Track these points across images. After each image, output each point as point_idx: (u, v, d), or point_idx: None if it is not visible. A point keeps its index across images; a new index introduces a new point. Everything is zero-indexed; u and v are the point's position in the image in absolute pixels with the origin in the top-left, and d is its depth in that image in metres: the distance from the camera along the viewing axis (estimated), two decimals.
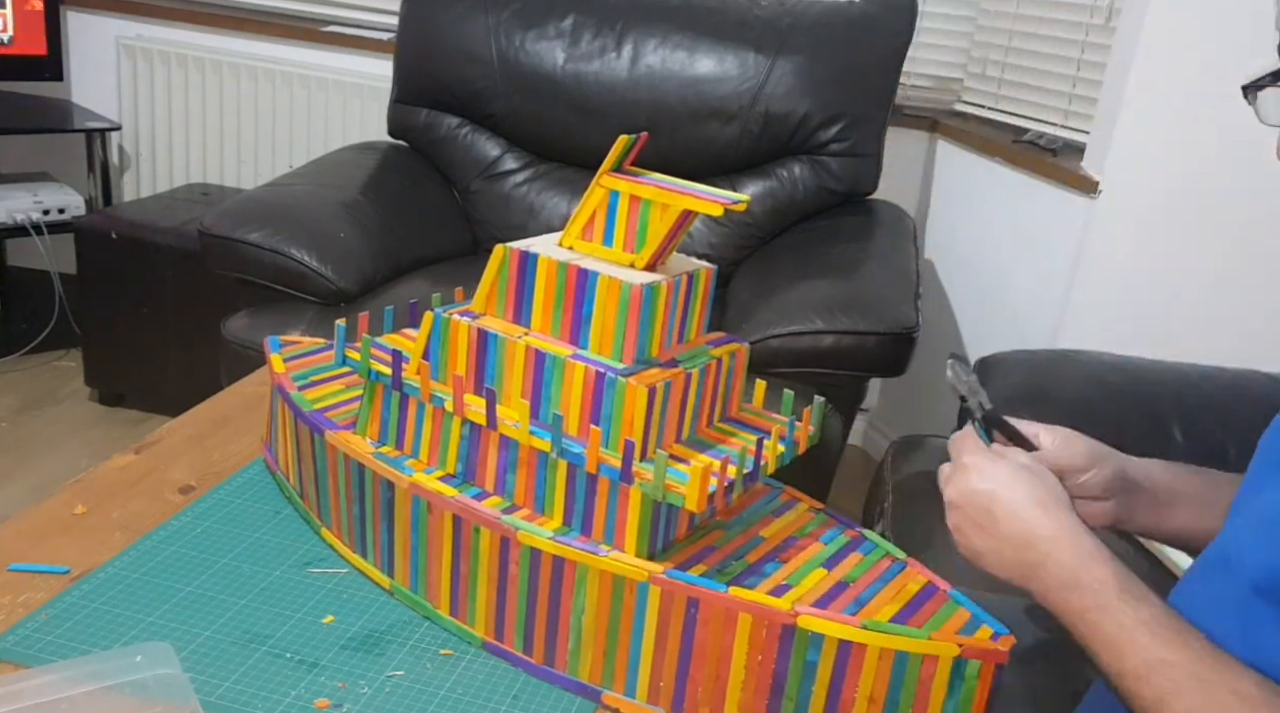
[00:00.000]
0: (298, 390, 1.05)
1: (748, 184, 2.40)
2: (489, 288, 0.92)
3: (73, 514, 1.02)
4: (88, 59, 2.99)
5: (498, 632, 0.89)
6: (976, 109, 2.56)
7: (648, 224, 0.88)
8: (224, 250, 2.05)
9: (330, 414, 1.02)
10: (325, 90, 2.83)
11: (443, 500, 0.89)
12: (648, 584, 0.82)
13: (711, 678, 0.82)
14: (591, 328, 0.88)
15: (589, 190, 0.90)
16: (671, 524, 0.88)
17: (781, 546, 0.91)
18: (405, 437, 0.96)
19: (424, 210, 2.40)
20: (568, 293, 0.88)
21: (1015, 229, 2.34)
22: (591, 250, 0.90)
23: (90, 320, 2.63)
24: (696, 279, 0.92)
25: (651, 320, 0.87)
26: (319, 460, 1.00)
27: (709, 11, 2.42)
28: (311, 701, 0.82)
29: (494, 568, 0.88)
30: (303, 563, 0.99)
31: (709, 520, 0.93)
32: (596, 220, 0.90)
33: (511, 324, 0.91)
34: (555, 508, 0.89)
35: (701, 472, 0.80)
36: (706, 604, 0.80)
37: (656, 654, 0.83)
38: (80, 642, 0.85)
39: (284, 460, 1.08)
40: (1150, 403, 1.45)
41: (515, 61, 2.43)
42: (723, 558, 0.88)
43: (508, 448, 0.90)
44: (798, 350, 1.81)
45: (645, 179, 0.89)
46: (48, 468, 2.40)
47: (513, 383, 0.90)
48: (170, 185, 2.97)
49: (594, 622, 0.85)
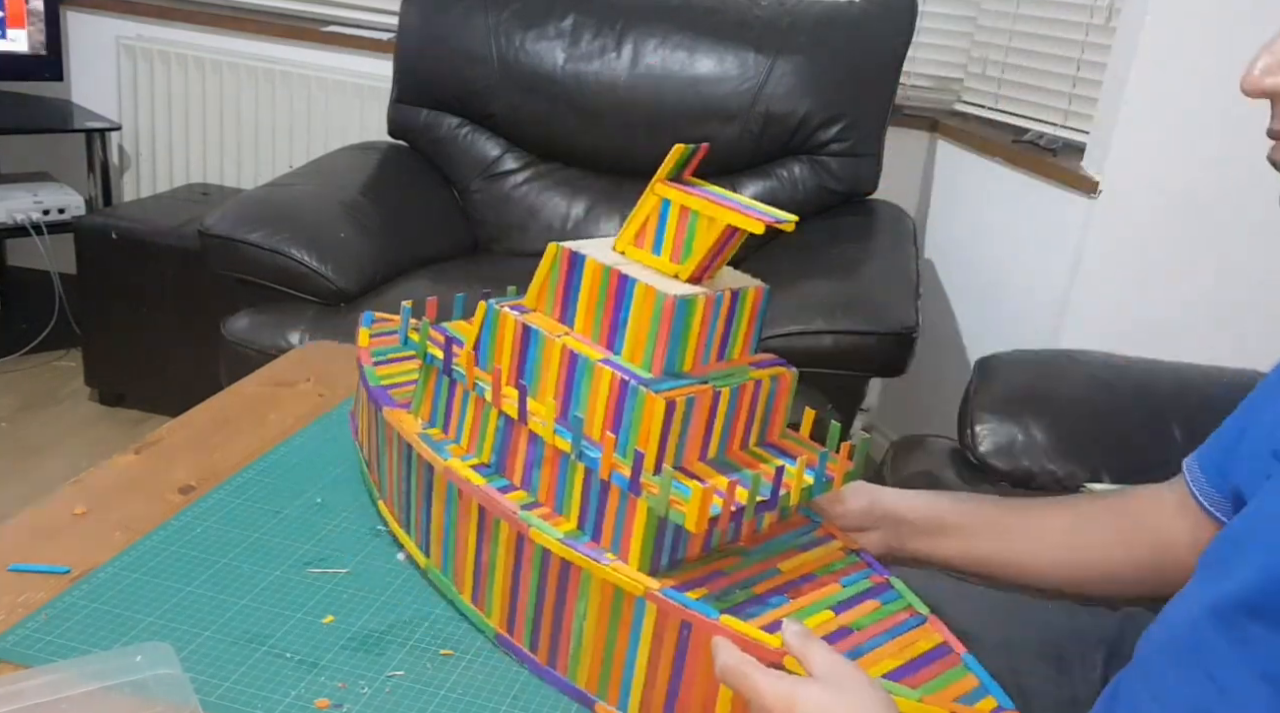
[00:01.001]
0: (373, 365, 1.09)
1: (748, 184, 2.40)
2: (540, 285, 0.92)
3: (73, 514, 1.02)
4: (88, 59, 2.99)
5: (510, 625, 0.90)
6: (976, 109, 2.56)
7: (694, 236, 0.86)
8: (224, 250, 2.05)
9: (394, 391, 1.04)
10: (325, 90, 2.83)
11: (471, 488, 0.90)
12: (644, 600, 0.81)
13: (699, 704, 0.80)
14: (627, 335, 0.87)
15: (644, 197, 0.89)
16: (681, 542, 0.87)
17: (797, 581, 0.88)
18: (451, 421, 0.97)
19: (424, 210, 2.40)
20: (609, 297, 0.87)
21: (1015, 229, 2.34)
22: (641, 257, 0.89)
23: (90, 320, 2.63)
24: (743, 297, 0.90)
25: (684, 333, 0.85)
26: (379, 435, 1.03)
27: (709, 11, 2.42)
28: (311, 701, 0.82)
29: (510, 561, 0.88)
30: (303, 563, 0.99)
31: (728, 545, 0.91)
32: (648, 228, 0.89)
33: (556, 322, 0.91)
34: (572, 510, 0.88)
35: (703, 492, 0.78)
36: (698, 629, 0.79)
37: (650, 672, 0.82)
38: (80, 642, 0.85)
39: (362, 433, 1.12)
40: (1150, 403, 1.45)
41: (515, 61, 2.43)
42: (729, 584, 0.86)
43: (536, 444, 0.90)
44: (798, 350, 1.81)
45: (698, 191, 0.87)
46: (48, 468, 2.40)
47: (547, 381, 0.90)
48: (170, 185, 2.97)
49: (594, 630, 0.84)
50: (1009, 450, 1.48)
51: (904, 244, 2.24)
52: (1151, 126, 2.00)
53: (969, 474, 1.50)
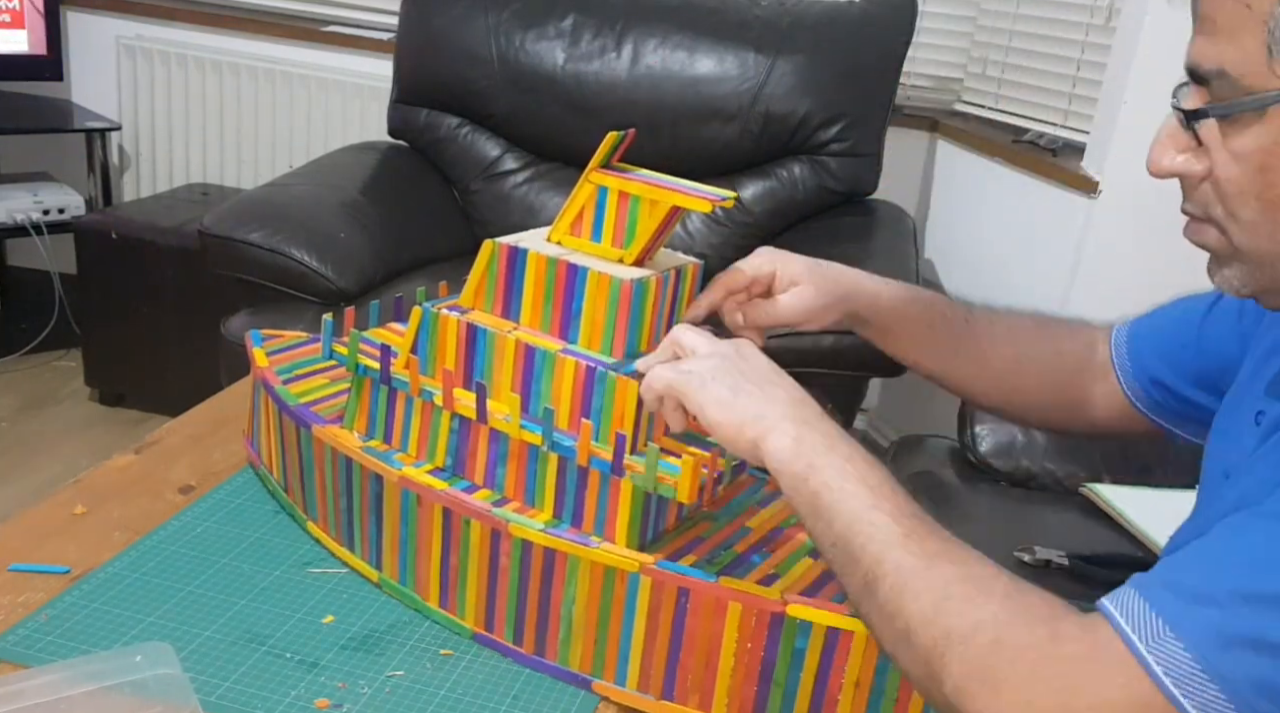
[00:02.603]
0: (282, 385, 1.05)
1: (748, 184, 2.40)
2: (477, 283, 0.93)
3: (73, 514, 1.02)
4: (88, 59, 2.99)
5: (488, 623, 0.90)
6: (976, 109, 2.56)
7: (636, 220, 0.88)
8: (224, 250, 2.05)
9: (316, 408, 1.02)
10: (325, 90, 2.83)
11: (433, 494, 0.90)
12: (639, 575, 0.83)
13: (701, 666, 0.83)
14: (581, 323, 0.88)
15: (578, 186, 0.90)
16: (660, 516, 0.89)
17: (768, 536, 0.92)
18: (394, 431, 0.96)
19: (424, 210, 2.40)
20: (557, 288, 0.89)
21: (1015, 229, 2.34)
22: (580, 246, 0.91)
23: (90, 320, 2.63)
24: (684, 274, 0.93)
25: (641, 315, 0.88)
26: (305, 455, 1.00)
27: (709, 11, 2.42)
28: (311, 701, 0.82)
29: (484, 560, 0.89)
30: (303, 563, 0.99)
31: (696, 512, 0.94)
32: (585, 216, 0.91)
33: (500, 319, 0.92)
34: (545, 501, 0.89)
35: (694, 464, 0.81)
36: (697, 594, 0.81)
37: (647, 643, 0.84)
38: (80, 642, 0.85)
39: (267, 455, 1.08)
40: None
41: (515, 61, 2.43)
42: (712, 548, 0.89)
43: (498, 441, 0.90)
44: (798, 350, 1.81)
45: (634, 175, 0.89)
46: (48, 468, 2.40)
47: (502, 377, 0.90)
48: (170, 185, 2.97)
49: (584, 612, 0.85)
50: (1009, 450, 1.48)
51: (904, 244, 2.24)
52: (1151, 126, 1.98)
53: (969, 474, 1.50)
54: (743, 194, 2.39)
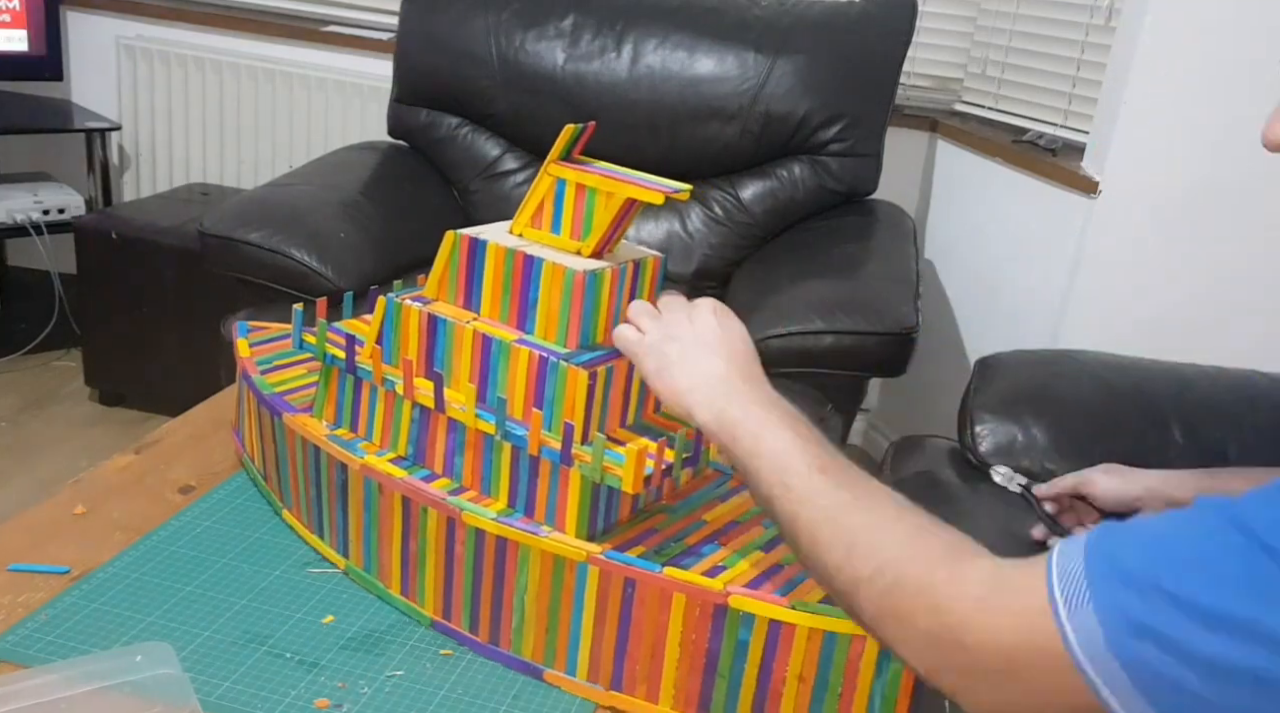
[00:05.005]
0: (260, 374, 1.07)
1: (748, 184, 2.40)
2: (440, 274, 0.94)
3: (73, 514, 1.02)
4: (88, 59, 2.99)
5: (445, 611, 0.91)
6: (976, 109, 2.56)
7: (593, 212, 0.90)
8: (224, 250, 2.05)
9: (290, 398, 1.03)
10: (325, 90, 2.83)
11: (392, 482, 0.91)
12: (586, 564, 0.84)
13: (648, 657, 0.84)
14: (537, 314, 0.90)
15: (537, 178, 0.92)
16: (613, 507, 0.90)
17: (723, 529, 0.93)
18: (359, 420, 0.98)
19: (424, 210, 2.40)
20: (515, 279, 0.90)
21: (1015, 229, 2.34)
22: (540, 238, 0.93)
23: (90, 320, 2.63)
24: (644, 267, 0.93)
25: (595, 307, 0.89)
26: (279, 443, 1.02)
27: (709, 11, 2.41)
28: (311, 701, 0.82)
29: (441, 548, 0.89)
30: (303, 563, 0.99)
31: (654, 504, 0.95)
32: (545, 208, 0.92)
33: (461, 310, 0.93)
34: (501, 490, 0.90)
35: (637, 454, 0.82)
36: (643, 584, 0.82)
37: (595, 633, 0.85)
38: (80, 642, 0.85)
39: (250, 444, 1.10)
40: (1150, 403, 1.45)
41: (515, 61, 2.42)
42: (663, 540, 0.90)
43: (455, 431, 0.91)
44: (798, 350, 1.81)
45: (591, 168, 0.90)
46: (48, 468, 2.39)
47: (461, 367, 0.92)
48: (170, 185, 2.96)
49: (535, 601, 0.86)
50: (1009, 450, 1.48)
51: (904, 244, 2.24)
52: (1151, 126, 2.00)
53: (969, 474, 1.49)
54: (743, 194, 2.39)
